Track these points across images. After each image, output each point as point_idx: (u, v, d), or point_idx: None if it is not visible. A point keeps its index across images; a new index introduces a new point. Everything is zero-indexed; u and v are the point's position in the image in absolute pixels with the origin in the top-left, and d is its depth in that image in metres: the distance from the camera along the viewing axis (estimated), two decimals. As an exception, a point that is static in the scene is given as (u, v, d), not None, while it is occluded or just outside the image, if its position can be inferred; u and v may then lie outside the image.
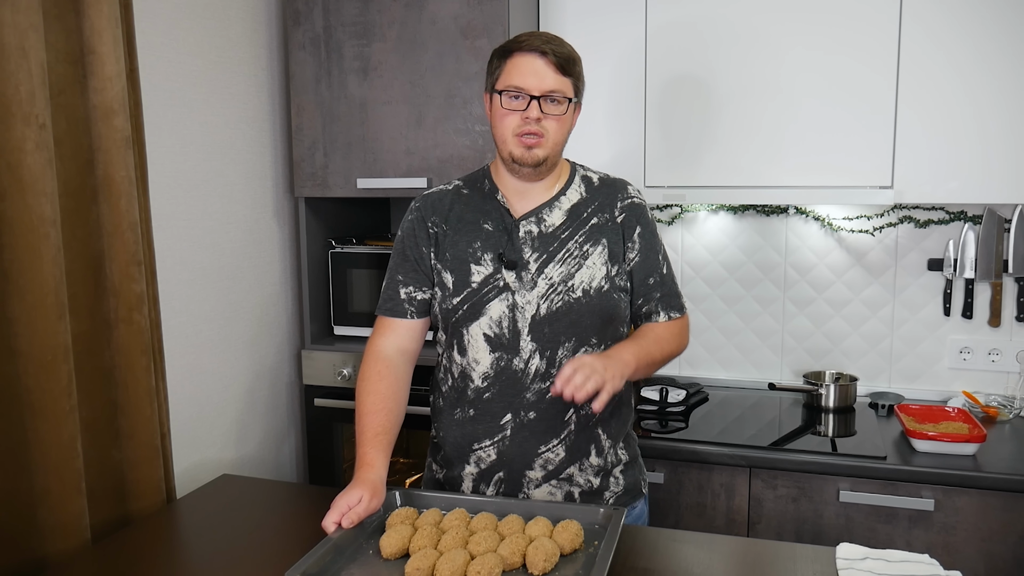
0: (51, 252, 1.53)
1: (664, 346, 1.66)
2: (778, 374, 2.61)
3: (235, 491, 1.82)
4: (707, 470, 2.10)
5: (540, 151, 1.57)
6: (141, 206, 1.76)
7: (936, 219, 2.41)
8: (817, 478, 2.02)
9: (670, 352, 1.68)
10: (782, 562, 1.44)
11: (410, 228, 1.70)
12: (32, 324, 1.51)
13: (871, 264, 2.49)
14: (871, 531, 1.99)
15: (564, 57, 1.55)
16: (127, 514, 1.77)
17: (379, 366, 1.65)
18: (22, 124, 1.48)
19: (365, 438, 1.57)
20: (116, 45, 1.66)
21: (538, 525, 1.43)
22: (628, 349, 1.57)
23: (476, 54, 2.13)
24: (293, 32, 2.29)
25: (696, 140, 2.26)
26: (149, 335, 1.76)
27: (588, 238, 1.63)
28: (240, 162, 2.27)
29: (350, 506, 1.44)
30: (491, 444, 1.63)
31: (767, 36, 2.19)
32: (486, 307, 1.61)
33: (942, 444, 2.00)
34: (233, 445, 2.27)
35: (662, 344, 1.65)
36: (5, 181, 1.48)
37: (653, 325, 1.69)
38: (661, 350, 1.65)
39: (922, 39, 2.08)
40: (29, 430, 1.53)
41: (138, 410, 1.75)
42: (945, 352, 2.46)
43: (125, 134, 1.69)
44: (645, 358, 1.59)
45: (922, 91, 2.10)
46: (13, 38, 1.46)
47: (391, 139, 2.24)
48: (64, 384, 1.55)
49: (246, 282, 2.32)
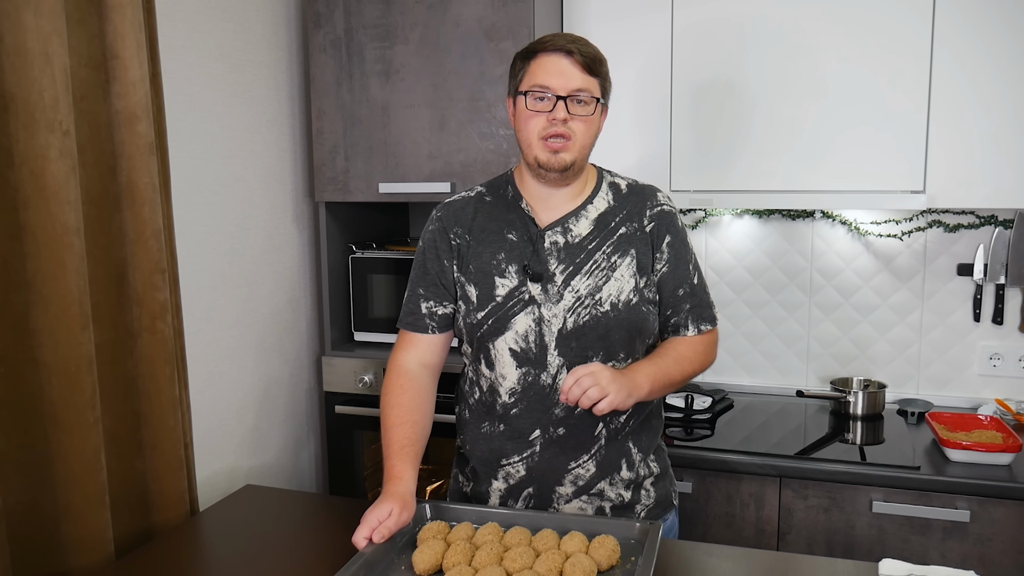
0: (75, 261, 1.50)
1: (685, 366, 1.61)
2: (803, 380, 2.57)
3: (259, 502, 1.79)
4: (736, 479, 2.06)
5: (567, 155, 1.52)
6: (164, 213, 1.73)
7: (966, 223, 2.36)
8: (849, 488, 1.98)
9: (691, 372, 1.63)
10: (824, 579, 1.40)
11: (431, 239, 1.65)
12: (55, 335, 1.49)
13: (899, 269, 2.45)
14: (904, 542, 1.95)
15: (590, 57, 1.51)
16: (150, 526, 1.74)
17: (401, 380, 1.62)
18: (46, 131, 1.45)
19: (392, 451, 1.54)
20: (139, 49, 1.63)
21: (573, 541, 1.40)
22: (644, 371, 1.52)
23: (500, 56, 2.09)
24: (314, 34, 2.25)
25: (724, 143, 2.22)
26: (173, 344, 1.73)
27: (616, 249, 1.58)
28: (259, 166, 2.24)
29: (380, 520, 1.41)
30: (520, 460, 1.60)
31: (798, 37, 2.14)
32: (511, 321, 1.56)
33: (977, 454, 1.96)
34: (252, 453, 2.25)
35: (683, 364, 1.60)
36: (28, 189, 1.45)
37: (677, 342, 1.63)
38: (681, 370, 1.60)
39: (955, 40, 2.04)
40: (52, 442, 1.51)
41: (161, 420, 1.72)
42: (975, 358, 2.41)
43: (148, 140, 1.66)
44: (662, 379, 1.54)
45: (955, 93, 2.06)
46: (36, 43, 1.43)
47: (413, 143, 2.21)
48: (88, 395, 1.53)
49: (265, 288, 2.29)
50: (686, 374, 1.61)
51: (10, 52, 1.41)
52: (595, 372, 1.42)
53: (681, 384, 1.61)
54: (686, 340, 1.64)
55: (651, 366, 1.55)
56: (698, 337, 1.64)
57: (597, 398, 1.40)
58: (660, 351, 1.61)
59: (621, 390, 1.43)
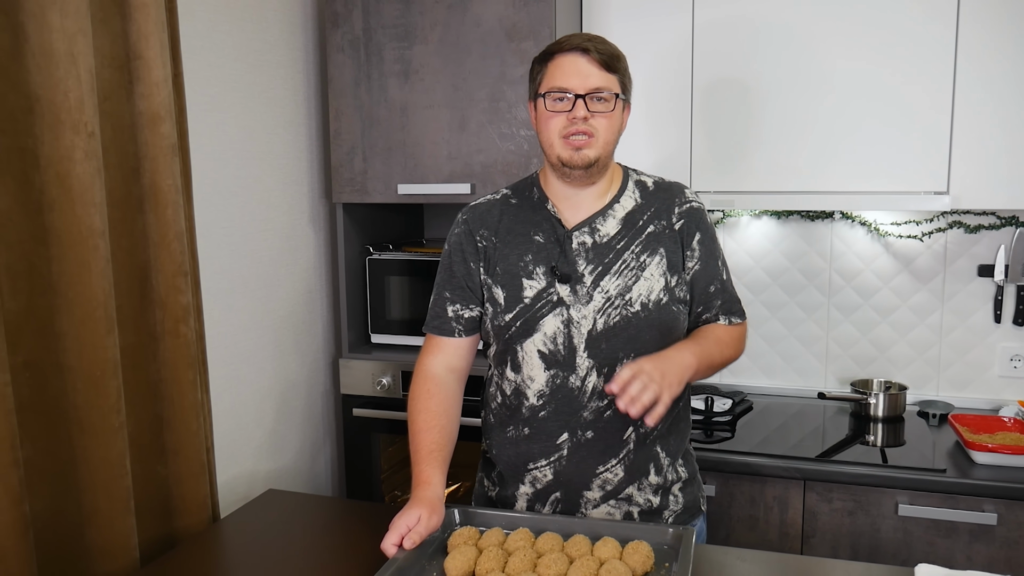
0: (100, 264, 1.48)
1: (724, 349, 1.59)
2: (822, 382, 2.56)
3: (282, 507, 1.77)
4: (760, 482, 2.04)
5: (590, 151, 1.50)
6: (186, 215, 1.71)
7: (987, 224, 2.35)
8: (874, 491, 1.96)
9: (729, 356, 1.62)
10: (861, 585, 1.39)
11: (457, 242, 1.63)
12: (81, 339, 1.47)
13: (919, 270, 2.43)
14: (930, 546, 1.94)
15: (607, 54, 1.49)
16: (173, 532, 1.72)
17: (428, 384, 1.60)
18: (71, 132, 1.43)
19: (420, 456, 1.53)
20: (163, 50, 1.61)
21: (607, 547, 1.39)
22: (689, 349, 1.49)
23: (521, 57, 2.08)
24: (331, 34, 2.24)
25: (745, 144, 2.21)
26: (195, 348, 1.72)
27: (645, 248, 1.56)
28: (277, 167, 2.22)
29: (409, 526, 1.40)
30: (547, 464, 1.58)
31: (820, 37, 2.13)
32: (540, 323, 1.55)
33: (1003, 456, 1.94)
34: (270, 457, 2.23)
35: (722, 347, 1.59)
36: (54, 192, 1.43)
37: (713, 326, 1.62)
38: (721, 353, 1.58)
39: (979, 41, 2.03)
40: (77, 447, 1.49)
41: (184, 425, 1.70)
42: (995, 360, 2.40)
43: (171, 141, 1.64)
44: (706, 360, 1.52)
45: (979, 93, 2.04)
46: (62, 43, 1.41)
47: (433, 144, 2.19)
48: (113, 400, 1.51)
49: (283, 290, 2.27)
50: (725, 357, 1.59)
51: (36, 53, 1.40)
52: (642, 372, 1.37)
53: (719, 368, 1.59)
54: (722, 326, 1.62)
55: (694, 345, 1.51)
56: (731, 327, 1.63)
57: (651, 403, 1.36)
58: (699, 334, 1.59)
59: (673, 381, 1.39)
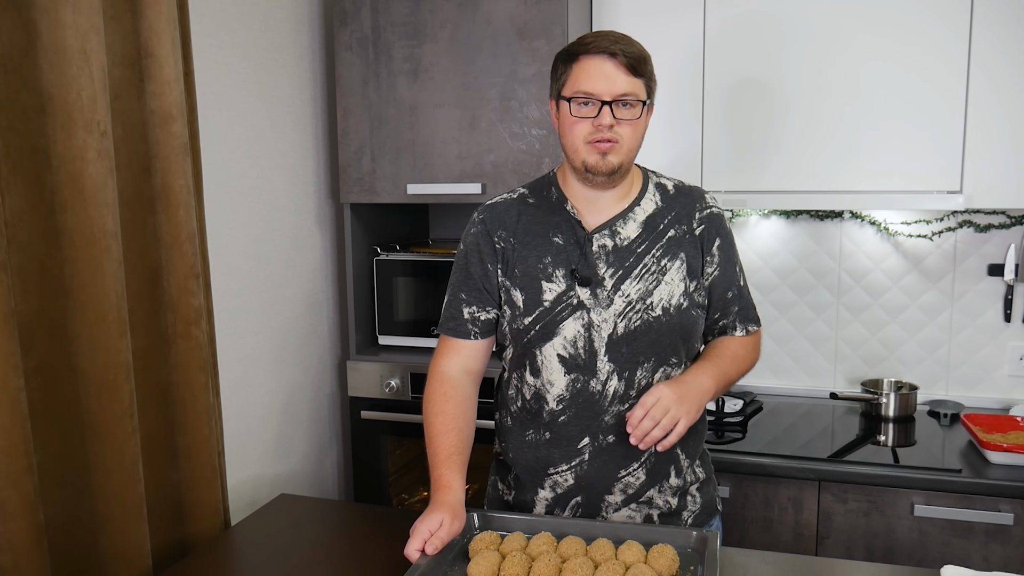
0: (112, 266, 1.45)
1: (740, 364, 1.61)
2: (832, 382, 2.55)
3: (296, 513, 1.74)
4: (774, 483, 2.03)
5: (614, 157, 1.48)
6: (197, 216, 1.68)
7: (997, 223, 2.35)
8: (890, 491, 1.95)
9: (745, 370, 1.63)
10: (888, 587, 1.38)
11: (474, 242, 1.60)
12: (94, 342, 1.44)
13: (928, 269, 2.43)
14: (946, 546, 1.93)
15: (635, 57, 1.46)
16: (185, 538, 1.69)
17: (445, 387, 1.58)
18: (84, 131, 1.40)
19: (439, 460, 1.50)
20: (174, 47, 1.58)
21: (631, 550, 1.37)
22: (707, 372, 1.52)
23: (533, 55, 2.06)
24: (340, 33, 2.21)
25: (758, 143, 2.19)
26: (207, 350, 1.69)
27: (666, 252, 1.54)
28: (284, 167, 2.20)
29: (431, 531, 1.37)
30: (568, 469, 1.56)
31: (831, 37, 2.12)
32: (560, 327, 1.53)
33: (1019, 456, 1.94)
34: (277, 460, 2.20)
35: (738, 363, 1.60)
36: (66, 192, 1.40)
37: (728, 341, 1.62)
38: (738, 369, 1.60)
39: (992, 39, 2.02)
40: (90, 453, 1.46)
41: (196, 429, 1.68)
42: (1005, 359, 2.40)
43: (183, 140, 1.61)
44: (724, 380, 1.55)
45: (993, 92, 2.04)
46: (75, 40, 1.38)
47: (443, 143, 2.17)
48: (126, 404, 1.48)
49: (290, 291, 2.24)
50: (741, 372, 1.61)
51: (48, 50, 1.37)
52: (662, 398, 1.42)
53: (736, 382, 1.61)
54: (737, 339, 1.62)
55: (712, 366, 1.53)
56: (747, 337, 1.63)
57: (671, 426, 1.41)
58: (715, 350, 1.60)
59: (692, 407, 1.44)
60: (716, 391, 1.52)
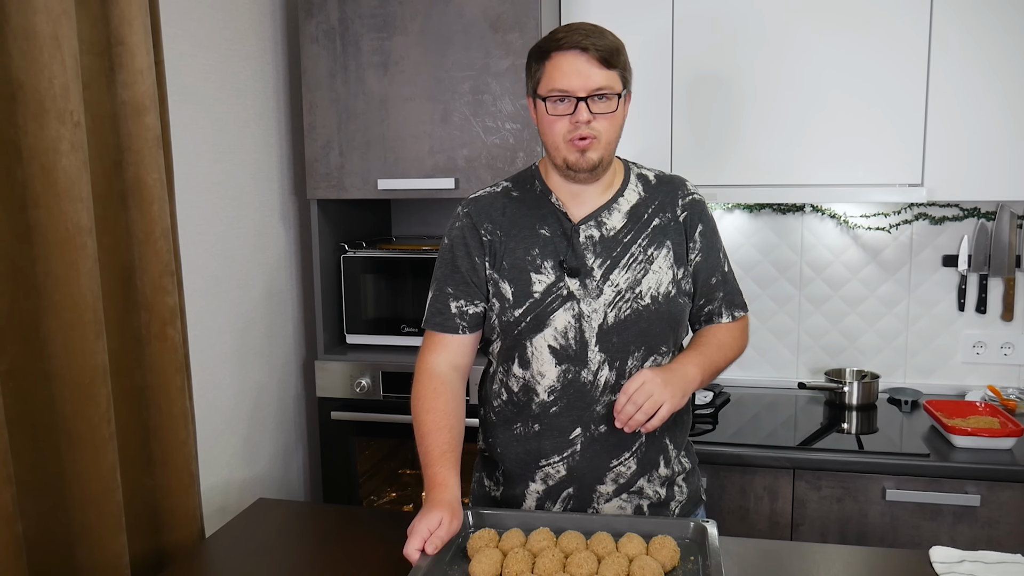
0: (88, 264, 1.38)
1: (727, 352, 1.62)
2: (794, 373, 2.60)
3: (277, 518, 1.69)
4: (750, 473, 2.06)
5: (594, 154, 1.47)
6: (171, 211, 1.62)
7: (951, 216, 2.43)
8: (862, 477, 2.00)
9: (732, 357, 1.64)
10: (878, 568, 1.41)
11: (460, 236, 1.58)
12: (69, 344, 1.37)
13: (886, 261, 2.50)
14: (915, 528, 1.99)
15: (607, 49, 1.45)
16: (162, 547, 1.62)
17: (434, 383, 1.55)
18: (56, 122, 1.33)
19: (432, 458, 1.47)
20: (146, 35, 1.52)
21: (632, 543, 1.36)
22: (692, 360, 1.52)
23: (507, 49, 2.04)
24: (305, 24, 2.15)
25: (725, 138, 2.22)
26: (181, 352, 1.62)
27: (652, 241, 1.55)
28: (249, 163, 2.13)
29: (431, 530, 1.35)
30: (560, 460, 1.55)
31: (795, 30, 2.16)
32: (551, 318, 1.52)
33: (982, 439, 2.01)
34: (244, 464, 2.13)
35: (725, 350, 1.61)
36: (39, 186, 1.33)
37: (715, 329, 1.63)
38: (724, 357, 1.60)
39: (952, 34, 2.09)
40: (67, 461, 1.39)
41: (172, 434, 1.61)
42: (959, 347, 2.48)
43: (156, 132, 1.55)
44: (710, 368, 1.55)
45: (952, 86, 2.10)
46: (46, 25, 1.31)
47: (414, 138, 2.13)
48: (103, 409, 1.41)
49: (255, 290, 2.17)
50: (728, 360, 1.61)
51: (18, 35, 1.29)
52: (646, 383, 1.42)
53: (723, 371, 1.61)
54: (723, 327, 1.63)
55: (697, 355, 1.54)
56: (734, 323, 1.64)
57: (654, 411, 1.41)
58: (701, 339, 1.60)
59: (676, 392, 1.43)
60: (702, 379, 1.52)
